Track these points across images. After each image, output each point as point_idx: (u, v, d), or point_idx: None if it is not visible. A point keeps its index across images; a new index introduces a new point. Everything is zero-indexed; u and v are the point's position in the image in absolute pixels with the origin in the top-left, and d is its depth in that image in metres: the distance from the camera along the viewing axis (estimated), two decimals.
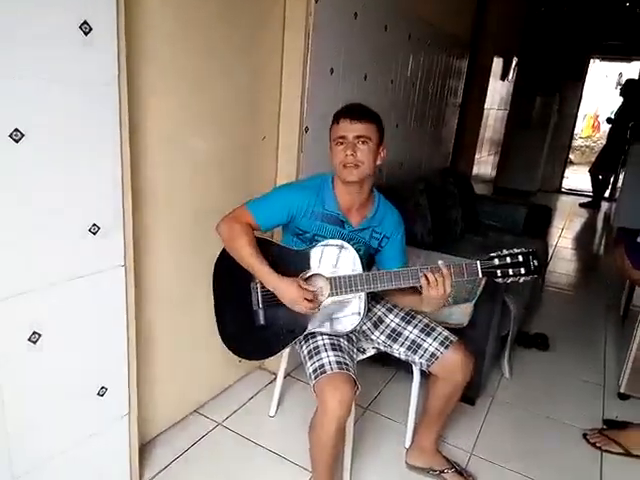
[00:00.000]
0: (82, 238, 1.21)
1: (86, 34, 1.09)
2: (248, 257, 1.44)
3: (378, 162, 1.48)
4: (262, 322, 1.53)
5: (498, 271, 1.37)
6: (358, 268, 1.45)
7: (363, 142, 1.42)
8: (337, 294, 1.44)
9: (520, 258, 1.37)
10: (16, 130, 1.02)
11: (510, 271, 1.37)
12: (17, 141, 1.03)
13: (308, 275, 1.48)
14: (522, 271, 1.37)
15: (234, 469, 1.71)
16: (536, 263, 1.37)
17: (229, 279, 1.56)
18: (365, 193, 1.52)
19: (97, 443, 1.40)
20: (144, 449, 1.72)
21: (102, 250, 1.27)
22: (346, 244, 1.46)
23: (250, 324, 1.54)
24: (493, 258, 1.38)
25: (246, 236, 1.44)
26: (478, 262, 1.38)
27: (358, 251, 1.47)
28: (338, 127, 1.44)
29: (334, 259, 1.46)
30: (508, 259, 1.37)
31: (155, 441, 1.80)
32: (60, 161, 1.13)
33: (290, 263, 1.48)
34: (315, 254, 1.48)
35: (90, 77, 1.13)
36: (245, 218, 1.48)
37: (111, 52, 1.15)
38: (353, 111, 1.44)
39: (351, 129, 1.41)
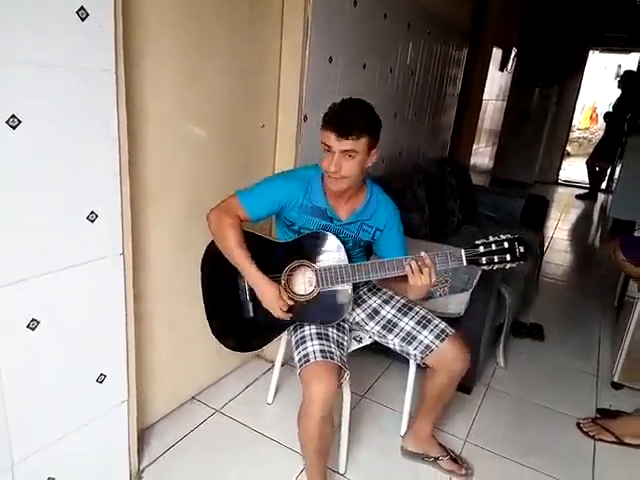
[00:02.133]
0: (80, 226, 1.21)
1: (83, 20, 1.08)
2: (234, 251, 1.45)
3: (368, 164, 1.42)
4: (252, 314, 1.55)
5: (483, 258, 1.36)
6: (343, 259, 1.45)
7: (350, 156, 1.35)
8: (324, 285, 1.45)
9: (505, 245, 1.35)
10: (13, 116, 1.02)
11: (495, 258, 1.35)
12: (14, 127, 1.02)
13: (295, 265, 1.48)
14: (507, 257, 1.35)
15: (232, 455, 1.73)
16: (522, 249, 1.35)
17: (216, 274, 1.58)
18: (354, 189, 1.49)
19: (96, 429, 1.41)
20: (143, 435, 1.73)
21: (100, 238, 1.27)
22: (330, 235, 1.46)
23: (240, 317, 1.56)
24: (478, 246, 1.36)
25: (234, 230, 1.46)
26: (462, 250, 1.37)
27: (345, 244, 1.47)
28: (325, 134, 1.36)
29: (319, 250, 1.46)
30: (493, 246, 1.36)
31: (154, 427, 1.81)
32: (58, 148, 1.12)
33: (277, 255, 1.50)
34: (301, 246, 1.48)
35: (87, 63, 1.12)
36: (236, 210, 1.48)
37: (108, 38, 1.14)
38: (341, 125, 1.32)
39: (338, 144, 1.34)
